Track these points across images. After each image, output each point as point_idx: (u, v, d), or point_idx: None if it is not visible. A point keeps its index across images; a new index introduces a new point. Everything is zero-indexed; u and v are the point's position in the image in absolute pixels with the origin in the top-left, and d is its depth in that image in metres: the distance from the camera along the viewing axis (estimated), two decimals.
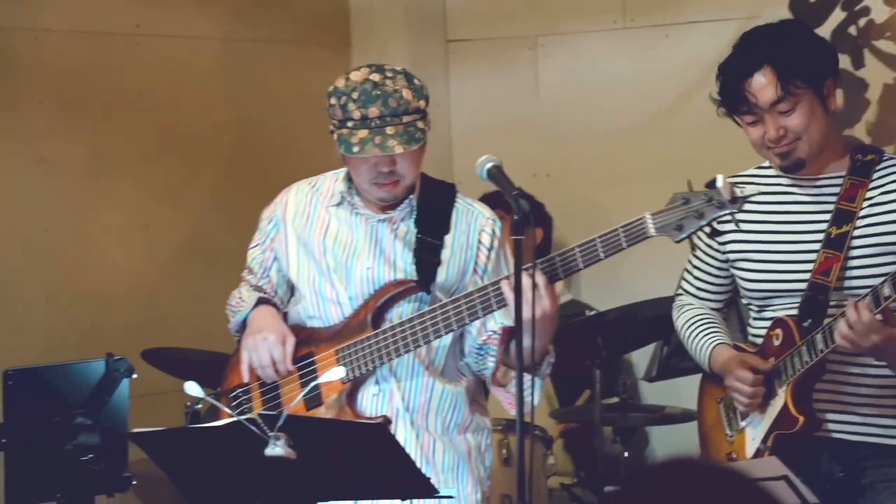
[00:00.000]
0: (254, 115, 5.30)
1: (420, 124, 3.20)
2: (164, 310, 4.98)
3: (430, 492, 2.94)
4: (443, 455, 3.32)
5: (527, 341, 3.01)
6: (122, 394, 3.22)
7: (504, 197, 3.03)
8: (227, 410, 3.16)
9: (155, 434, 2.92)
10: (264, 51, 5.32)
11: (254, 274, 3.47)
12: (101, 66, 4.86)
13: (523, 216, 2.92)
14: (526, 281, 2.96)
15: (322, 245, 3.35)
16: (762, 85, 3.24)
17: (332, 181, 3.38)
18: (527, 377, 3.15)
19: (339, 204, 3.35)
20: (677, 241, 3.09)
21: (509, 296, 3.04)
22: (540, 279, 3.02)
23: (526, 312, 2.95)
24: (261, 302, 3.38)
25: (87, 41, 4.83)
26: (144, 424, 3.00)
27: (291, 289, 3.43)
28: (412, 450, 3.26)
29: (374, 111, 3.16)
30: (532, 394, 3.22)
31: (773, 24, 3.38)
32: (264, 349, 3.29)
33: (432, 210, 3.32)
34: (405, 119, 3.17)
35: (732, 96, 3.29)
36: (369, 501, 3.28)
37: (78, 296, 4.79)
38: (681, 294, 3.60)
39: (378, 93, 3.17)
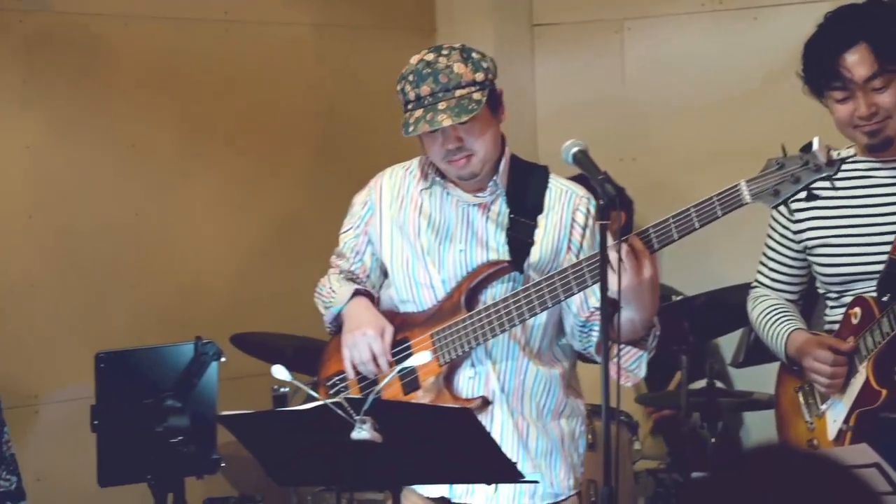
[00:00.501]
0: (342, 99, 5.32)
1: (477, 96, 3.18)
2: (253, 294, 5.03)
3: (516, 476, 2.94)
4: (536, 441, 3.32)
5: (627, 314, 3.00)
6: (211, 377, 3.25)
7: (590, 181, 3.02)
8: (313, 393, 3.18)
9: (243, 417, 2.95)
10: (352, 36, 5.34)
11: (345, 259, 3.47)
12: (191, 53, 4.91)
13: (609, 201, 2.91)
14: (625, 250, 2.96)
15: (416, 228, 3.36)
16: (857, 61, 3.22)
17: (424, 164, 3.38)
18: (632, 350, 3.16)
19: (430, 187, 3.36)
20: (774, 207, 3.06)
21: (615, 264, 3.02)
22: (639, 246, 3.00)
23: (625, 282, 2.95)
24: (355, 294, 3.40)
25: (177, 27, 4.88)
26: (232, 407, 3.03)
27: (384, 273, 3.45)
28: (508, 433, 3.27)
29: (425, 89, 3.18)
30: (638, 367, 3.22)
31: (859, 3, 3.35)
32: (364, 345, 3.30)
33: (525, 191, 3.31)
34: (458, 93, 3.17)
35: (824, 72, 3.27)
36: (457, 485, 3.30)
37: (168, 280, 4.84)
38: (755, 286, 3.56)
39: (429, 71, 3.19)
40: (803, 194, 2.95)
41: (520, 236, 3.28)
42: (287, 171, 5.16)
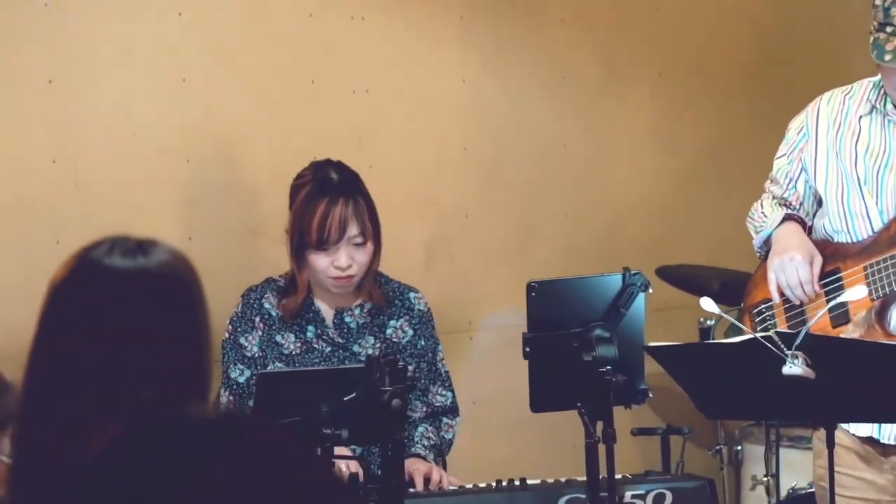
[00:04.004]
0: (777, 22, 5.16)
1: None
2: (679, 225, 4.99)
3: None
4: None
5: None
6: (639, 308, 3.24)
7: None
8: (743, 327, 3.14)
9: (671, 348, 2.95)
10: None
11: (778, 185, 3.40)
12: None
13: None
14: None
15: (853, 155, 3.23)
16: None
17: (865, 89, 3.24)
18: None
19: (870, 113, 3.22)
20: None
21: None
22: None
23: None
24: (786, 219, 3.32)
25: None
26: (658, 338, 3.03)
27: (818, 201, 3.35)
28: None
29: None
30: None
31: None
32: (791, 269, 3.23)
33: None
34: None
35: None
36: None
37: (594, 211, 4.88)
38: None
39: None
40: None
41: None
42: (714, 98, 5.07)
